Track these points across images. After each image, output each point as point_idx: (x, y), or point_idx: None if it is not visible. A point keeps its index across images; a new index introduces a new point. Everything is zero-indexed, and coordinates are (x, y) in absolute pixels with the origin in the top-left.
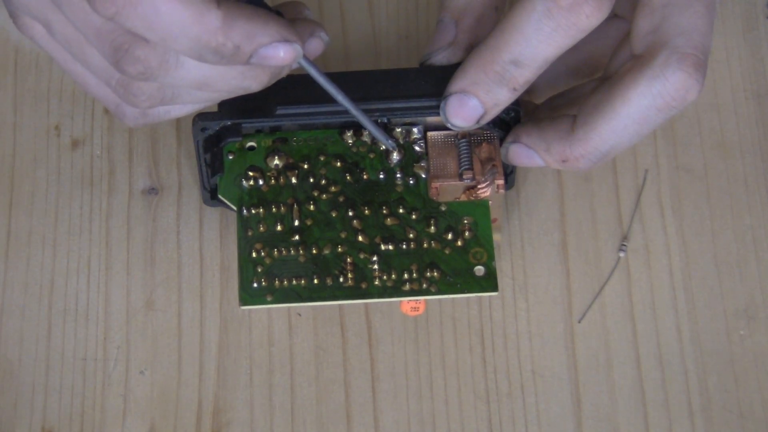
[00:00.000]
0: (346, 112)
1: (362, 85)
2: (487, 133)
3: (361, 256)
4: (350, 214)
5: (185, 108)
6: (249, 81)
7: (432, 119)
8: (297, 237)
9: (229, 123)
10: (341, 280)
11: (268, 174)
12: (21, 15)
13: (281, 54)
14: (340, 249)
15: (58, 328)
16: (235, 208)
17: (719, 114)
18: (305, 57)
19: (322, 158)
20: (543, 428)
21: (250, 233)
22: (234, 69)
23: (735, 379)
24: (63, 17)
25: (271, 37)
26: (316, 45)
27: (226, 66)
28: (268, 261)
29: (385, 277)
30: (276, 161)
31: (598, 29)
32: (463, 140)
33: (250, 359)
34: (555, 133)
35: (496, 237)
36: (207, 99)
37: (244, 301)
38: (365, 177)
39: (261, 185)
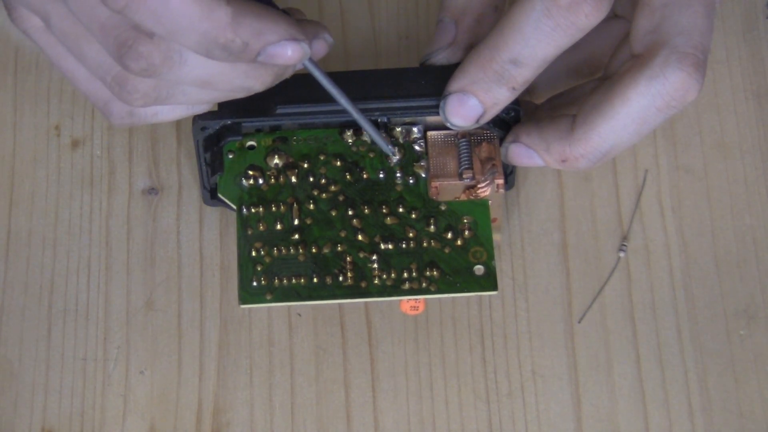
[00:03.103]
0: (346, 111)
1: (362, 85)
2: (487, 133)
3: (361, 255)
4: (350, 213)
5: (174, 111)
6: (252, 81)
7: (432, 119)
8: (297, 236)
9: (229, 122)
10: (341, 279)
11: (268, 173)
12: (17, 6)
13: (289, 53)
14: (339, 248)
15: (58, 328)
16: (234, 207)
17: (719, 114)
18: (310, 58)
19: (322, 157)
20: (543, 428)
21: (249, 232)
22: (238, 68)
23: (735, 379)
24: (64, 10)
25: (279, 35)
26: (320, 46)
27: (231, 64)
28: (267, 260)
29: (384, 276)
30: (276, 160)
31: (598, 29)
32: (463, 140)
33: (250, 359)
34: (555, 132)
35: (496, 237)
36: (205, 99)
37: (243, 299)
38: (365, 176)
39: (261, 184)
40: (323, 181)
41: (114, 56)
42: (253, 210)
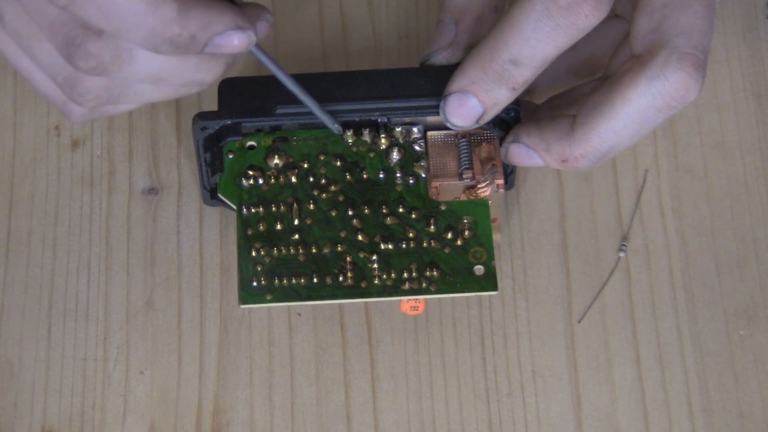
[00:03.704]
0: (345, 111)
1: (362, 85)
2: (487, 133)
3: (361, 255)
4: (350, 213)
5: (131, 104)
6: (203, 73)
7: (432, 119)
8: (297, 236)
9: (229, 122)
10: (341, 279)
11: (268, 173)
12: None
13: (235, 41)
14: (339, 248)
15: (58, 328)
16: (234, 207)
17: (719, 114)
18: (257, 45)
19: (322, 157)
20: (543, 428)
21: (249, 232)
22: (188, 61)
23: (735, 379)
24: (18, 8)
25: (225, 26)
26: (263, 28)
27: (180, 58)
28: (267, 260)
29: (384, 276)
30: (276, 160)
31: (598, 29)
32: (463, 140)
33: (250, 359)
34: (555, 132)
35: (496, 237)
36: (155, 97)
37: (243, 299)
38: (365, 176)
39: (261, 184)
40: (323, 181)
41: (63, 54)
42: (253, 210)
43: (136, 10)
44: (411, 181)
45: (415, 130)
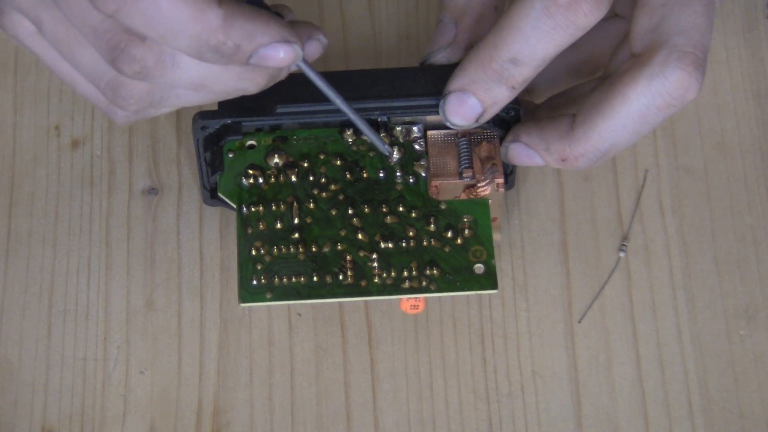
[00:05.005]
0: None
1: (362, 84)
2: (487, 132)
3: (361, 254)
4: (350, 212)
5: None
6: (246, 83)
7: (432, 118)
8: (297, 235)
9: (229, 121)
10: (341, 277)
11: (268, 172)
12: (9, 11)
13: (281, 55)
14: (339, 247)
15: (58, 328)
16: (234, 206)
17: (719, 114)
18: (304, 59)
19: (322, 157)
20: (543, 428)
21: (249, 231)
22: (231, 70)
23: (735, 379)
24: (56, 14)
25: (271, 38)
26: (315, 48)
27: (224, 67)
28: (267, 259)
29: (384, 275)
30: (276, 160)
31: (598, 28)
32: (463, 139)
33: (250, 359)
34: (555, 132)
35: (496, 236)
36: (198, 101)
37: (243, 298)
38: (365, 175)
39: (261, 183)
40: (323, 180)
41: (107, 59)
42: (253, 209)
43: (182, 17)
44: (411, 180)
45: (415, 129)
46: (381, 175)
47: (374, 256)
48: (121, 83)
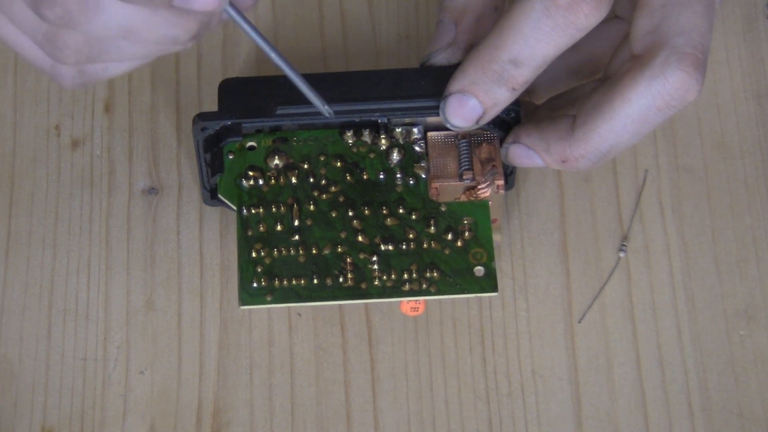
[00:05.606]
0: (345, 112)
1: (362, 85)
2: (487, 134)
3: (361, 256)
4: (350, 214)
5: (122, 66)
6: (176, 29)
7: (432, 119)
8: (297, 237)
9: (229, 123)
10: (341, 280)
11: (268, 174)
12: None
13: None
14: (339, 249)
15: (58, 328)
16: (234, 207)
17: (719, 114)
18: (233, 6)
19: (322, 158)
20: (543, 428)
21: (249, 233)
22: (158, 14)
23: (735, 379)
24: None
25: None
26: None
27: (151, 11)
28: (267, 261)
29: (384, 277)
30: (276, 161)
31: (598, 30)
32: (463, 141)
33: (250, 359)
34: (555, 133)
35: (496, 237)
36: (137, 53)
37: (243, 300)
38: (365, 177)
39: (261, 185)
40: (323, 181)
41: (30, 6)
42: (253, 211)
43: None
44: (411, 182)
45: (415, 130)
46: (381, 176)
47: (374, 258)
48: (56, 33)
